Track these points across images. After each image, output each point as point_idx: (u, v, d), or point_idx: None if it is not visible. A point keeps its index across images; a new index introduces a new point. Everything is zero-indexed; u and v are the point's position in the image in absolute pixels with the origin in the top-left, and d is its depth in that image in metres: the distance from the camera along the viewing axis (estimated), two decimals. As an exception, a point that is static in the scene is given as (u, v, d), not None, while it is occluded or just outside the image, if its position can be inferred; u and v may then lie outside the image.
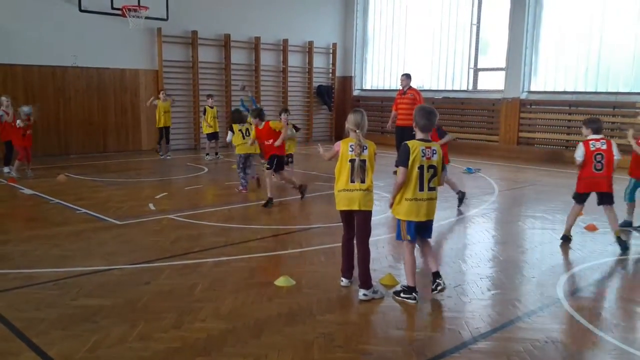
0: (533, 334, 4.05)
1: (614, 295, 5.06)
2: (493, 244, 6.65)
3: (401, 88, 11.79)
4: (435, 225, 7.16)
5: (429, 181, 4.51)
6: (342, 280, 4.97)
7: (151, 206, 8.13)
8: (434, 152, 4.54)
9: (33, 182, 9.83)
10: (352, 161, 4.64)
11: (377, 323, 4.25)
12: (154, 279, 5.06)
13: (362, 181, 4.65)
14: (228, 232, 6.84)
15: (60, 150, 13.75)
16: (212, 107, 13.38)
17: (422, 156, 4.47)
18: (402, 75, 11.86)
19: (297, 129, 10.98)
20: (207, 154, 13.54)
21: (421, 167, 4.46)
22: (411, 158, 4.45)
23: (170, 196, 8.92)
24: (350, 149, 4.66)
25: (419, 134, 4.63)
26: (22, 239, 6.39)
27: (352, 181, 4.63)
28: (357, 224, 4.78)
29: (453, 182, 8.42)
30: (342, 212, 4.82)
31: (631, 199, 7.31)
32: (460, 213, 8.11)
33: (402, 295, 4.66)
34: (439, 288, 4.64)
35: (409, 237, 4.62)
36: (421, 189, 4.50)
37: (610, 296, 5.06)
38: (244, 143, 9.08)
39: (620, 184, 7.14)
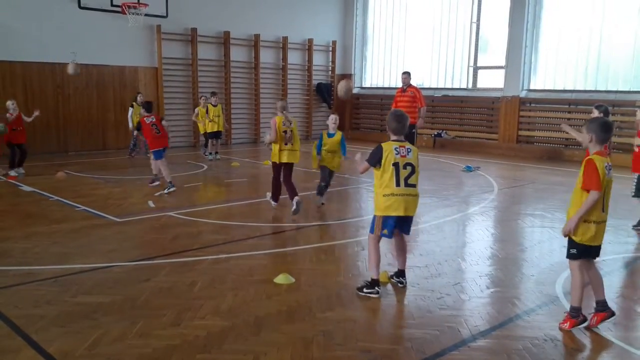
0: (532, 332, 4.05)
1: (613, 293, 5.06)
2: (492, 242, 6.66)
3: (401, 85, 11.78)
4: (434, 223, 7.24)
5: (407, 178, 4.57)
6: None
7: (150, 204, 8.13)
8: (409, 150, 4.64)
9: (32, 179, 9.83)
10: (395, 165, 4.59)
11: (377, 321, 4.25)
12: (153, 276, 5.06)
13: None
14: (227, 229, 6.84)
15: (60, 148, 13.74)
16: (215, 105, 13.17)
17: (396, 154, 4.57)
18: (403, 73, 11.85)
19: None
20: (210, 153, 13.16)
21: (396, 164, 4.56)
22: (384, 157, 4.56)
23: (170, 193, 8.91)
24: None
25: (392, 137, 4.73)
26: (22, 236, 6.39)
27: (398, 185, 4.58)
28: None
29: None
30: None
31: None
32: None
33: (364, 290, 4.69)
34: (399, 285, 4.90)
35: (385, 231, 4.67)
36: (398, 185, 4.55)
37: (609, 294, 5.05)
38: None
39: (620, 183, 7.14)
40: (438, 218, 7.54)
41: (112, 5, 13.71)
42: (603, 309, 4.09)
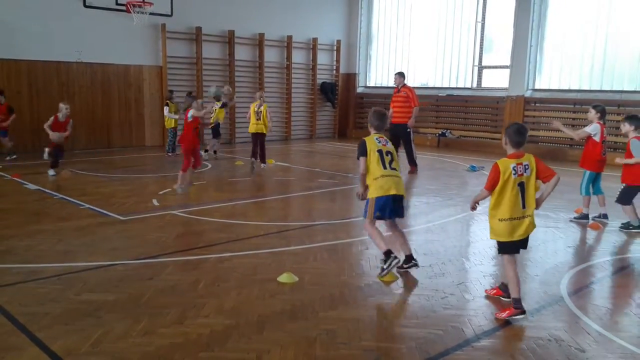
0: (536, 332, 4.04)
1: (617, 294, 5.04)
2: (496, 242, 6.63)
3: (395, 86, 11.89)
4: (438, 223, 7.22)
5: (390, 163, 5.12)
6: None
7: (155, 202, 8.14)
8: (387, 141, 5.27)
9: (37, 178, 9.85)
10: (379, 151, 5.11)
11: (380, 320, 4.25)
12: (157, 275, 5.06)
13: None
14: (231, 228, 6.85)
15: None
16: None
17: (378, 143, 5.17)
18: (396, 73, 12.01)
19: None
20: (215, 152, 13.27)
21: (380, 151, 5.11)
22: (369, 148, 5.10)
23: (174, 192, 8.92)
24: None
25: (373, 131, 5.32)
26: (26, 233, 6.40)
27: (385, 168, 5.09)
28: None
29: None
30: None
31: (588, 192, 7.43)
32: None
33: (384, 267, 5.03)
34: (415, 268, 5.24)
35: (378, 214, 5.09)
36: (385, 168, 5.07)
37: (613, 295, 5.04)
38: None
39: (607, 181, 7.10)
40: (442, 218, 7.52)
41: (117, 3, 13.74)
42: (518, 306, 4.31)
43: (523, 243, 4.43)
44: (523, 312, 4.26)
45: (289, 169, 11.94)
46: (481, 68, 16.53)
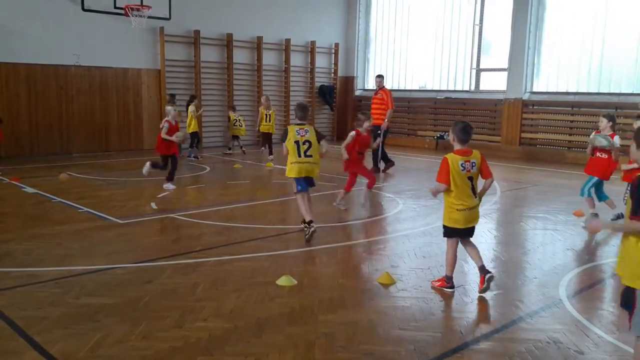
0: (535, 334, 4.04)
1: (616, 296, 5.04)
2: (495, 244, 6.65)
3: (376, 88, 12.31)
4: (436, 225, 7.20)
5: (306, 151, 6.39)
6: None
7: (153, 205, 8.14)
8: (307, 131, 6.44)
9: (35, 181, 9.84)
10: (297, 142, 6.41)
11: (379, 323, 4.24)
12: (155, 278, 5.06)
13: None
14: (230, 231, 6.84)
15: (63, 149, 13.76)
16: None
17: (297, 134, 6.40)
18: (376, 76, 12.48)
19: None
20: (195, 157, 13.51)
21: (297, 142, 6.37)
22: (288, 136, 6.41)
23: (172, 195, 8.92)
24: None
25: (297, 121, 6.62)
26: (25, 237, 6.39)
27: (300, 156, 6.44)
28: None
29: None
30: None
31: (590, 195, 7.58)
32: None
33: (308, 230, 6.28)
34: (309, 231, 6.31)
35: (299, 188, 6.51)
36: (299, 156, 6.41)
37: (612, 297, 5.05)
38: None
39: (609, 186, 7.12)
40: (440, 220, 7.50)
41: (115, 7, 13.73)
42: (483, 272, 4.79)
43: (470, 230, 4.88)
44: (452, 287, 4.90)
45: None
46: (479, 71, 16.56)
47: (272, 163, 12.49)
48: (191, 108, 13.44)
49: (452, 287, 4.91)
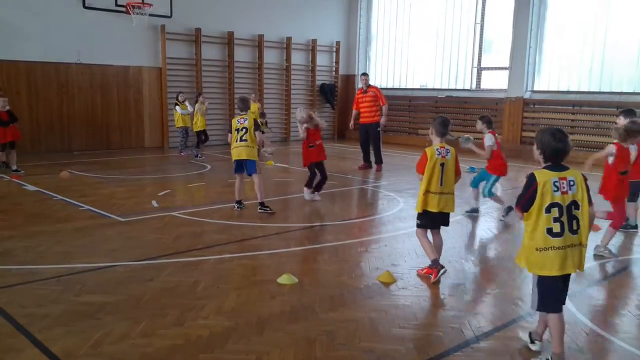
0: (535, 333, 4.04)
1: (616, 295, 5.04)
2: (495, 243, 6.65)
3: (361, 87, 12.31)
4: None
5: (242, 137, 7.40)
6: None
7: (154, 203, 8.14)
8: (245, 119, 7.46)
9: (36, 179, 9.85)
10: (237, 130, 7.47)
11: (380, 321, 4.25)
12: (156, 276, 5.06)
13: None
14: (231, 229, 6.85)
15: (64, 147, 13.78)
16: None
17: (237, 123, 7.49)
18: (362, 74, 12.48)
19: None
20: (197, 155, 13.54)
21: (237, 130, 7.47)
22: (232, 127, 7.53)
23: (173, 193, 8.93)
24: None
25: (238, 111, 7.72)
26: (25, 234, 6.40)
27: (237, 141, 7.49)
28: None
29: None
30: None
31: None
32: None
33: (263, 208, 7.54)
34: (268, 212, 7.51)
35: (234, 171, 7.71)
36: (236, 141, 7.46)
37: (612, 296, 5.05)
38: None
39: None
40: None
41: (116, 5, 13.76)
42: (435, 265, 5.07)
43: (444, 217, 5.15)
44: (442, 267, 5.05)
45: (288, 170, 11.95)
46: (480, 69, 16.55)
47: (272, 162, 12.47)
48: (197, 106, 13.48)
49: (442, 268, 5.06)
